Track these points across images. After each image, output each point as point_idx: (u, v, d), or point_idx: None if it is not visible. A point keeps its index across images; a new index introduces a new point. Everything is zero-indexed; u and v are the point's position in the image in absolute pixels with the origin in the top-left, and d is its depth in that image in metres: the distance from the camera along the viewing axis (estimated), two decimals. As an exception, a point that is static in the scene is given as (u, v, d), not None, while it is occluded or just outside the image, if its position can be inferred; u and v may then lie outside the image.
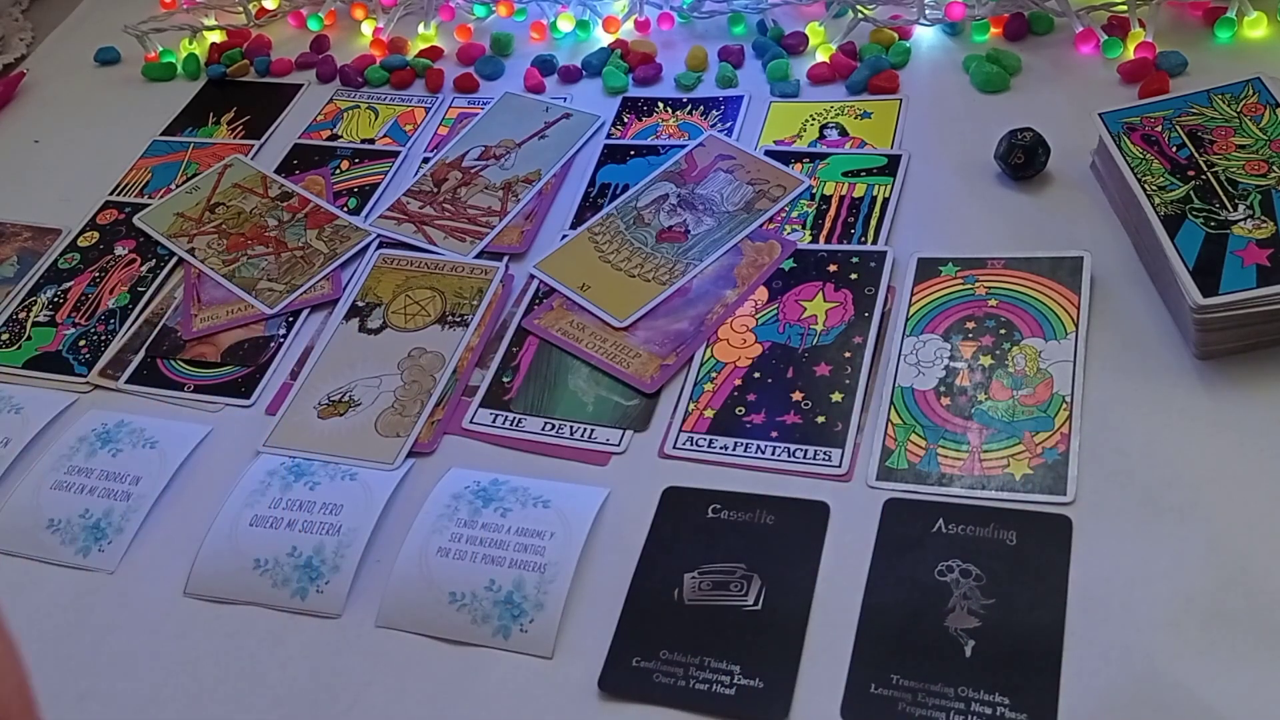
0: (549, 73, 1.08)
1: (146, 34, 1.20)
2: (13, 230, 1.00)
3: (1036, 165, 0.85)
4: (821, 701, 0.59)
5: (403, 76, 1.10)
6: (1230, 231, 0.71)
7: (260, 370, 0.84)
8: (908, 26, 1.03)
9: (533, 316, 0.84)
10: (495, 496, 0.71)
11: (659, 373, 0.78)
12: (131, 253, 0.96)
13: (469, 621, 0.66)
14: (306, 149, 1.04)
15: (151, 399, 0.84)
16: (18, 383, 0.86)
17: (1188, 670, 0.57)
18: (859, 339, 0.76)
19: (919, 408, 0.72)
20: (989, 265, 0.79)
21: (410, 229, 0.93)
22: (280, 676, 0.66)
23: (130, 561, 0.73)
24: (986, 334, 0.74)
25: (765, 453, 0.72)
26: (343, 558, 0.70)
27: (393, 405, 0.79)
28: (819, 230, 0.85)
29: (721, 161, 0.92)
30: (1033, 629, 0.60)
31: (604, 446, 0.74)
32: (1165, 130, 0.80)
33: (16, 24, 1.32)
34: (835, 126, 0.95)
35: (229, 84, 1.15)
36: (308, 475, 0.75)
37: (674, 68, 1.05)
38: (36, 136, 1.13)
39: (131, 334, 0.89)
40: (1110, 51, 0.96)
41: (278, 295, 0.89)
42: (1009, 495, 0.66)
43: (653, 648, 0.63)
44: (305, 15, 1.21)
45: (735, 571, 0.66)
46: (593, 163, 0.96)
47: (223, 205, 0.99)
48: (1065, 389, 0.70)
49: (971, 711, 0.57)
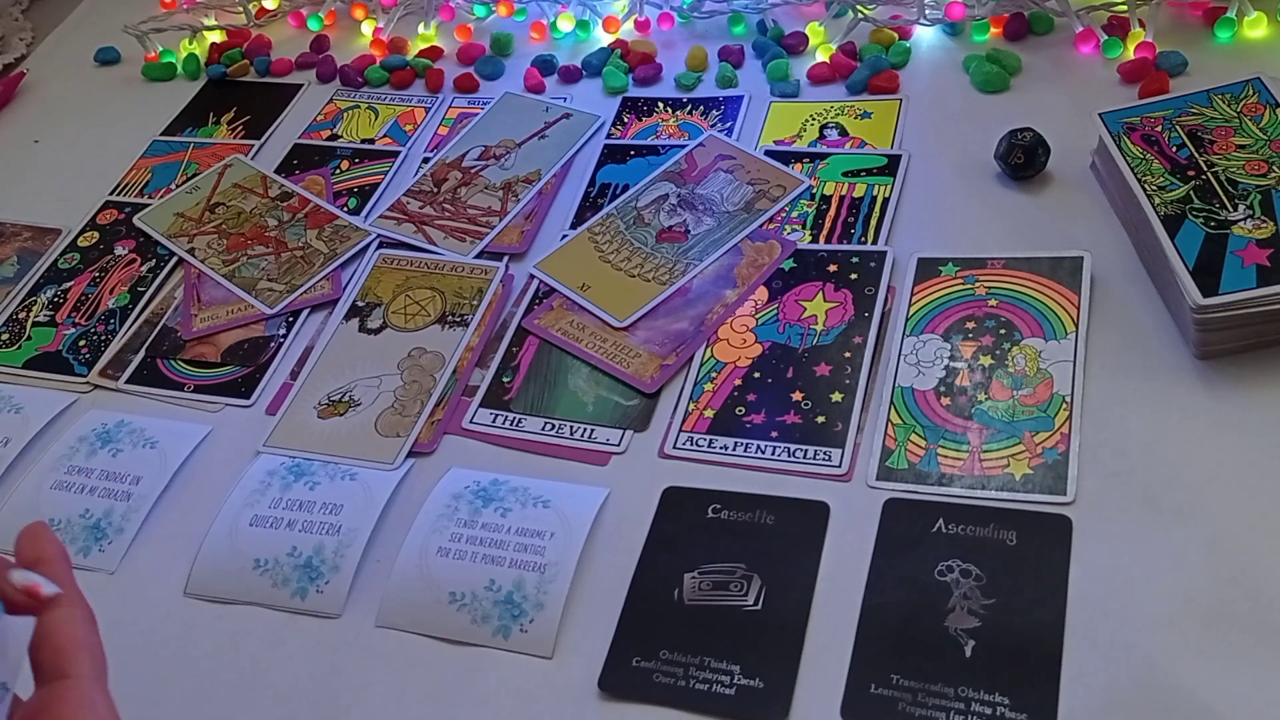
0: (549, 73, 1.08)
1: (146, 34, 1.20)
2: (13, 230, 1.00)
3: (1036, 165, 0.85)
4: (821, 701, 0.59)
5: (403, 76, 1.10)
6: (1230, 231, 0.71)
7: (260, 370, 0.84)
8: (908, 26, 1.03)
9: (533, 316, 0.84)
10: (495, 496, 0.71)
11: (659, 373, 0.78)
12: (131, 253, 0.96)
13: (469, 621, 0.66)
14: (306, 149, 1.04)
15: (151, 399, 0.84)
16: (18, 383, 0.86)
17: (1188, 670, 0.57)
18: (859, 339, 0.76)
19: (919, 408, 0.72)
20: (989, 265, 0.79)
21: (410, 229, 0.93)
22: (280, 676, 0.66)
23: (130, 561, 0.73)
24: (986, 334, 0.74)
25: (765, 453, 0.72)
26: (343, 558, 0.70)
27: (393, 405, 0.79)
28: (819, 230, 0.85)
29: (721, 161, 0.92)
30: (1033, 629, 0.60)
31: (604, 446, 0.74)
32: (1165, 130, 0.80)
33: (16, 24, 1.32)
34: (835, 126, 0.95)
35: (229, 84, 1.15)
36: (308, 475, 0.75)
37: (674, 68, 1.05)
38: (36, 136, 1.13)
39: (131, 334, 0.89)
40: (1110, 51, 0.96)
41: (278, 295, 0.89)
42: (1009, 495, 0.66)
43: (653, 648, 0.63)
44: (305, 15, 1.21)
45: (735, 571, 0.66)
46: (593, 163, 0.96)
47: (223, 205, 0.99)
48: (1065, 389, 0.70)
49: (971, 711, 0.57)
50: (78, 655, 0.45)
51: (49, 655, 0.45)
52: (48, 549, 0.48)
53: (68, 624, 0.46)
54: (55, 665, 0.45)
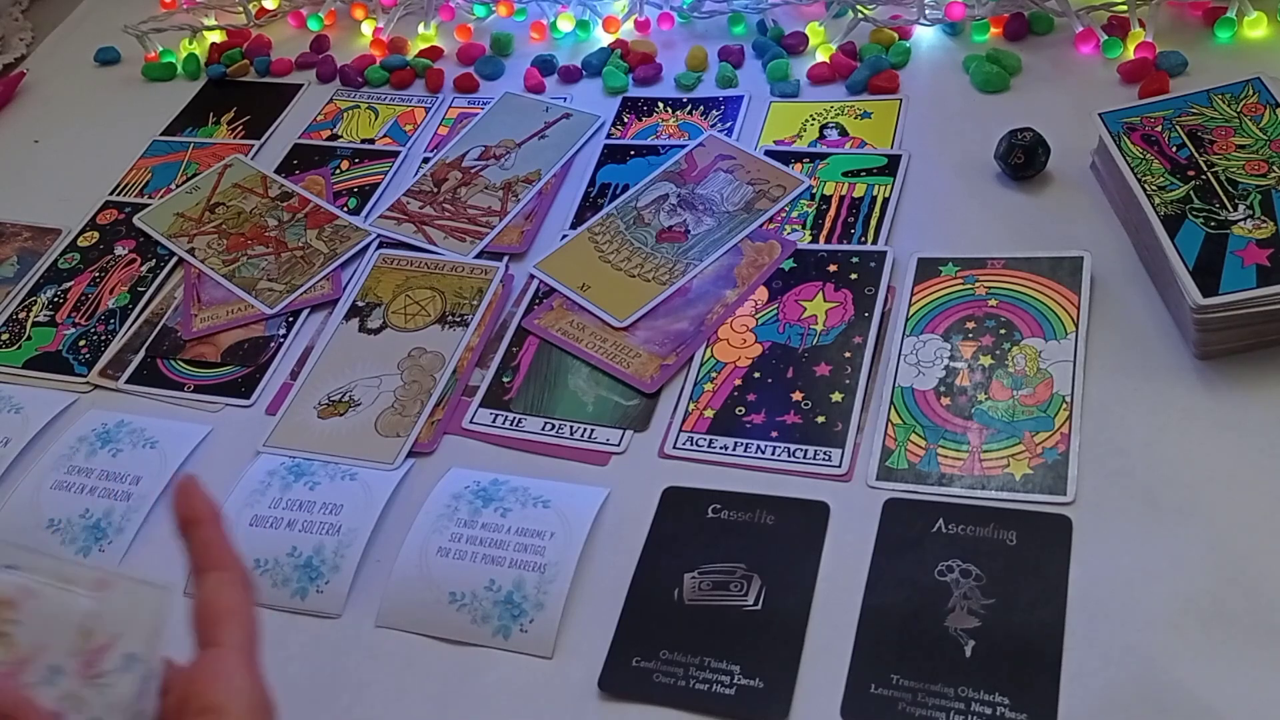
0: (549, 73, 1.08)
1: (146, 34, 1.20)
2: (13, 230, 1.00)
3: (1036, 165, 0.85)
4: (821, 701, 0.59)
5: (403, 76, 1.10)
6: (1230, 231, 0.71)
7: (260, 370, 0.84)
8: (908, 26, 1.03)
9: (533, 316, 0.84)
10: (495, 496, 0.71)
11: (659, 373, 0.78)
12: (131, 253, 0.96)
13: (469, 621, 0.66)
14: (306, 149, 1.04)
15: (151, 399, 0.84)
16: (18, 383, 0.86)
17: (1188, 670, 0.57)
18: (859, 339, 0.76)
19: (919, 408, 0.72)
20: (989, 265, 0.79)
21: (410, 229, 0.93)
22: (280, 676, 0.65)
23: (130, 561, 0.73)
24: (986, 334, 0.74)
25: (765, 453, 0.72)
26: (343, 558, 0.70)
27: (393, 405, 0.79)
28: (819, 230, 0.85)
29: (721, 161, 0.92)
30: (1033, 629, 0.60)
31: (604, 446, 0.74)
32: (1165, 130, 0.80)
33: (16, 24, 1.32)
34: (835, 126, 0.95)
35: (229, 84, 1.15)
36: (308, 475, 0.75)
37: (674, 68, 1.05)
38: (36, 136, 1.13)
39: (131, 334, 0.89)
40: (1110, 51, 0.96)
41: (278, 295, 0.89)
42: (1009, 495, 0.66)
43: (653, 648, 0.63)
44: (305, 15, 1.21)
45: (735, 571, 0.66)
46: (593, 163, 0.96)
47: (223, 205, 0.99)
48: (1065, 389, 0.70)
49: (971, 711, 0.57)
50: (227, 623, 0.46)
51: (202, 623, 0.46)
52: (202, 506, 0.48)
53: (220, 590, 0.46)
54: (206, 633, 0.46)
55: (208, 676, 0.44)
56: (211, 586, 0.47)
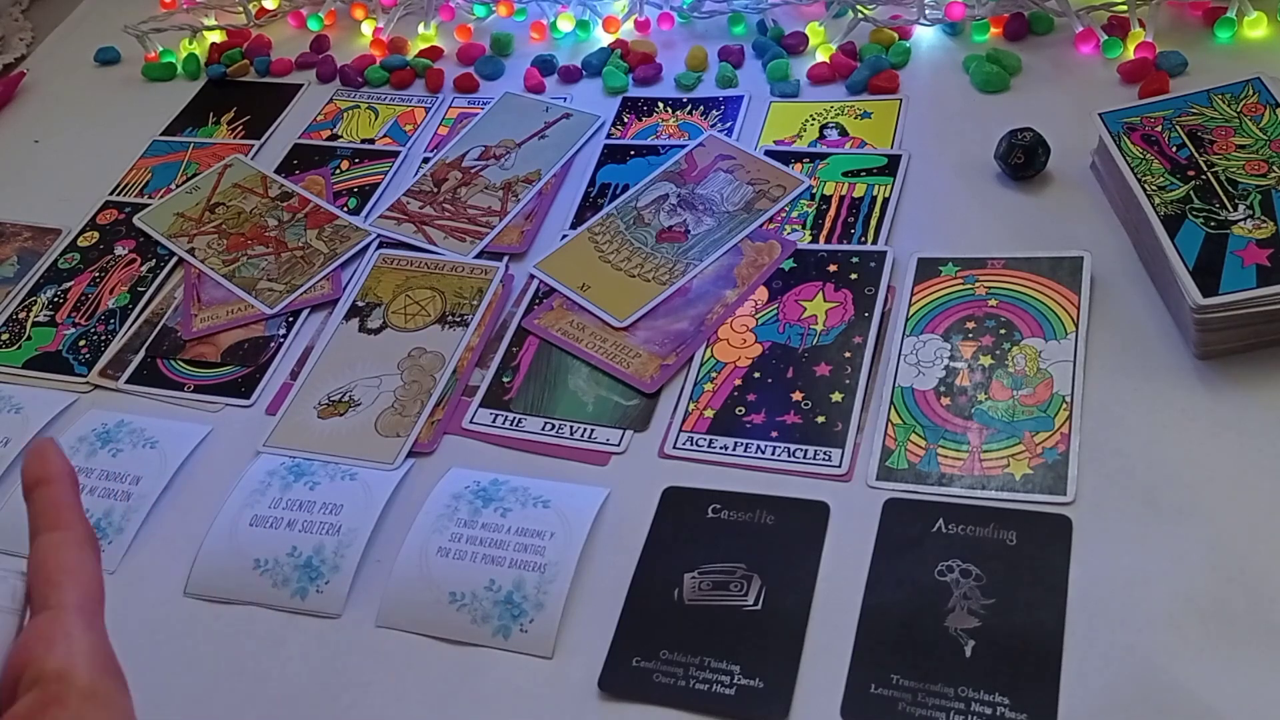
0: (549, 73, 1.08)
1: (146, 34, 1.20)
2: (13, 230, 1.00)
3: (1036, 165, 0.85)
4: (821, 701, 0.59)
5: (403, 76, 1.10)
6: (1230, 231, 0.71)
7: (260, 370, 0.84)
8: (908, 26, 1.03)
9: (533, 316, 0.84)
10: (495, 496, 0.71)
11: (659, 373, 0.78)
12: (131, 253, 0.96)
13: (469, 621, 0.66)
14: (306, 149, 1.04)
15: (151, 399, 0.84)
16: (18, 383, 0.86)
17: (1188, 670, 0.57)
18: (859, 339, 0.76)
19: (919, 408, 0.72)
20: (989, 265, 0.79)
21: (410, 229, 0.93)
22: (280, 676, 0.66)
23: (130, 561, 0.73)
24: (986, 334, 0.74)
25: (765, 453, 0.72)
26: (343, 558, 0.70)
27: (393, 405, 0.79)
28: (819, 230, 0.85)
29: (721, 161, 0.92)
30: (1033, 629, 0.60)
31: (604, 446, 0.74)
32: (1165, 130, 0.80)
33: (16, 24, 1.32)
34: (835, 126, 0.95)
35: (229, 84, 1.15)
36: (308, 475, 0.75)
37: (674, 68, 1.05)
38: (36, 136, 1.13)
39: (131, 334, 0.89)
40: (1110, 51, 0.96)
41: (278, 295, 0.89)
42: (1009, 495, 0.66)
43: (653, 648, 0.63)
44: (305, 15, 1.21)
45: (735, 571, 0.66)
46: (593, 163, 0.96)
47: (223, 205, 0.99)
48: (1065, 389, 0.70)
49: (971, 711, 0.57)
50: (63, 583, 0.41)
51: (36, 584, 0.41)
52: (51, 467, 0.44)
53: (56, 550, 0.42)
54: (40, 597, 0.41)
55: (42, 644, 0.39)
56: (46, 546, 0.42)
